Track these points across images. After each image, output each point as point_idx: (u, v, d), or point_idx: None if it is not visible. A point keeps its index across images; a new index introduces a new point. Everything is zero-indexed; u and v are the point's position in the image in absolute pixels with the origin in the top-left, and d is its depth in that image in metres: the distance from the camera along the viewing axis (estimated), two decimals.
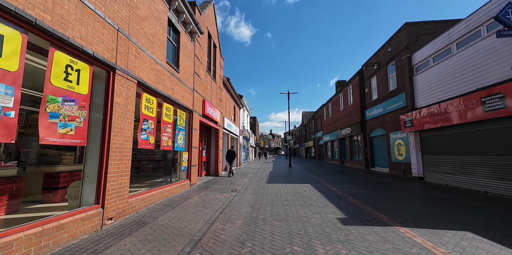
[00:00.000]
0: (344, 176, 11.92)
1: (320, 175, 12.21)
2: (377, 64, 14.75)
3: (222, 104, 13.34)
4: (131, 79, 4.44)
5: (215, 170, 11.99)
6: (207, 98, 10.15)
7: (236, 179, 10.50)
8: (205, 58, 9.90)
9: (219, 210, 5.04)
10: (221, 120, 12.93)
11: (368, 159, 16.47)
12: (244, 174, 12.69)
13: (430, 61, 9.83)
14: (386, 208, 5.16)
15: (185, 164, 7.60)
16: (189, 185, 7.76)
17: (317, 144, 34.90)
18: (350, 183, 9.25)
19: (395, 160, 12.79)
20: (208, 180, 10.12)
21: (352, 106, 19.03)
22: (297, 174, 12.89)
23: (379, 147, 15.37)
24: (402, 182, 9.41)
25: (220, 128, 12.48)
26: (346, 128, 20.31)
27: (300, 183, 9.23)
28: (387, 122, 13.67)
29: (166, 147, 6.16)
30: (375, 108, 15.17)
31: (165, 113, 6.14)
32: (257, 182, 9.63)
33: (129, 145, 4.38)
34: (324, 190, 7.61)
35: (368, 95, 16.46)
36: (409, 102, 11.04)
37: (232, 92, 16.12)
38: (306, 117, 48.74)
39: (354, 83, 18.37)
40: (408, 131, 10.78)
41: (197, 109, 8.57)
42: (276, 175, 12.69)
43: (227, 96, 15.08)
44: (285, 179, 10.79)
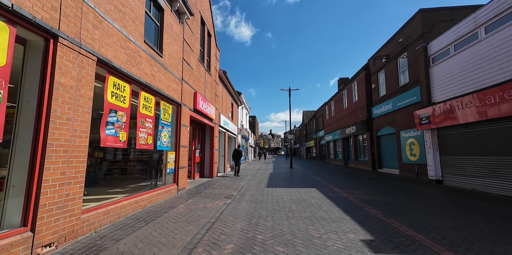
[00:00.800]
0: (352, 178, 10.82)
1: (325, 178, 11.11)
2: (386, 57, 13.66)
3: (218, 99, 12.24)
4: (86, 55, 3.33)
5: (210, 171, 10.88)
6: (200, 91, 9.04)
7: (232, 182, 9.40)
8: (197, 46, 8.79)
9: (206, 225, 3.94)
10: (217, 117, 11.83)
11: (375, 160, 15.38)
12: (242, 176, 11.58)
13: (451, 49, 8.73)
14: (419, 223, 4.06)
15: (171, 166, 6.49)
16: (176, 191, 6.65)
17: (319, 144, 33.82)
18: (361, 187, 8.15)
19: (406, 160, 11.70)
20: (201, 183, 9.01)
21: (357, 103, 17.95)
22: (300, 176, 11.79)
23: (387, 147, 14.28)
24: (419, 186, 8.31)
25: (215, 126, 11.38)
26: (350, 127, 19.22)
27: (305, 187, 8.13)
28: (397, 119, 12.57)
29: (145, 146, 5.05)
30: (383, 104, 14.08)
31: (143, 105, 5.03)
32: (255, 186, 8.52)
33: (83, 143, 3.27)
34: (334, 196, 6.51)
35: (375, 91, 15.37)
36: (425, 97, 9.95)
37: (230, 87, 15.02)
38: (307, 116, 47.65)
39: (360, 78, 17.27)
40: (424, 128, 9.68)
41: (187, 103, 7.47)
42: (277, 177, 11.59)
43: (223, 91, 13.98)
44: (287, 182, 9.69)
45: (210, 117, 10.20)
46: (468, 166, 7.96)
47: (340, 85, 27.29)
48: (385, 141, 14.59)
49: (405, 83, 11.89)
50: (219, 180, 10.00)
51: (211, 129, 11.12)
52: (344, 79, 28.02)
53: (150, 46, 5.25)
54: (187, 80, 7.59)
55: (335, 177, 11.17)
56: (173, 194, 6.45)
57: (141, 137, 4.95)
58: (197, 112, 8.61)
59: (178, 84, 6.83)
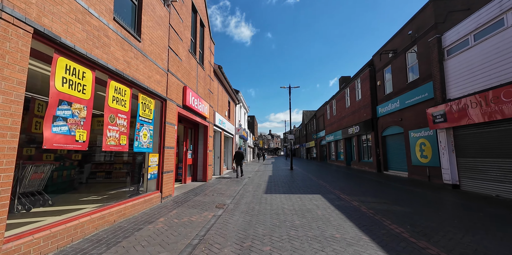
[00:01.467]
0: (358, 182, 9.92)
1: (329, 181, 10.21)
2: (393, 52, 12.78)
3: (212, 97, 11.33)
4: (13, 22, 2.42)
5: (204, 175, 9.96)
6: (191, 86, 8.13)
7: (227, 187, 8.49)
8: (188, 35, 7.88)
9: (184, 251, 3.03)
10: (211, 116, 10.92)
11: (380, 161, 14.49)
12: (238, 179, 10.66)
13: (470, 39, 7.85)
14: (461, 248, 3.16)
15: (154, 170, 5.57)
16: (160, 199, 5.73)
17: (319, 144, 32.94)
18: (370, 192, 7.26)
19: (416, 162, 10.81)
20: (192, 188, 8.09)
21: (360, 101, 17.07)
22: (302, 180, 10.88)
23: (394, 148, 13.40)
24: (435, 192, 7.42)
25: (209, 125, 10.47)
26: (353, 127, 18.34)
27: (308, 193, 7.22)
28: (405, 118, 11.69)
29: (115, 147, 4.13)
30: (389, 102, 13.21)
31: (114, 97, 4.12)
32: (252, 192, 7.61)
33: (8, 144, 2.36)
34: (343, 205, 5.60)
35: (381, 88, 14.49)
36: (439, 93, 9.06)
37: (226, 84, 14.11)
38: (307, 116, 46.80)
39: (364, 75, 16.40)
40: (439, 127, 8.80)
41: (174, 98, 6.56)
42: (276, 180, 10.68)
43: (219, 88, 13.07)
44: (288, 186, 8.78)
45: (203, 115, 9.29)
46: (492, 170, 7.07)
47: (342, 83, 26.44)
48: (391, 141, 13.71)
49: (415, 79, 11.01)
50: (213, 184, 9.08)
51: (205, 128, 10.20)
52: (346, 78, 27.19)
53: (123, 27, 4.33)
54: (175, 72, 6.67)
55: (339, 181, 10.26)
56: (155, 203, 5.53)
57: (110, 136, 4.03)
58: (188, 109, 7.70)
59: (163, 76, 5.91)
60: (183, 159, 9.09)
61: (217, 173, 12.81)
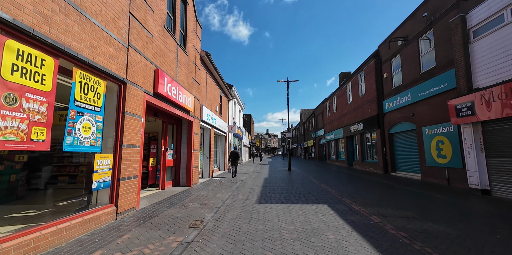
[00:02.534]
0: (366, 186, 8.54)
1: (333, 185, 8.81)
2: (403, 39, 11.43)
3: (199, 88, 9.85)
4: None
5: (187, 178, 8.49)
6: (168, 71, 6.66)
7: (214, 193, 7.04)
8: (163, 8, 6.39)
9: None
10: (198, 110, 9.44)
11: (388, 162, 13.16)
12: (229, 183, 9.21)
13: (506, 15, 6.50)
14: None
15: (105, 176, 4.09)
16: (114, 215, 4.25)
17: (318, 144, 31.64)
18: (387, 200, 5.86)
19: (432, 163, 9.48)
20: (168, 196, 6.61)
21: (364, 96, 15.72)
22: (302, 183, 9.47)
23: (403, 146, 12.07)
24: (465, 200, 6.05)
25: (194, 120, 8.99)
26: (356, 124, 17.00)
27: (311, 203, 5.80)
28: (418, 113, 10.35)
29: (18, 145, 2.65)
30: (398, 96, 11.86)
31: (15, 66, 2.63)
32: (243, 201, 6.17)
33: None
34: (360, 223, 4.19)
35: (388, 81, 13.15)
36: (463, 82, 7.71)
37: (216, 75, 12.62)
38: (305, 114, 45.51)
39: (368, 68, 15.04)
40: (464, 122, 7.45)
41: (139, 81, 5.08)
42: (272, 184, 9.25)
43: (208, 79, 11.58)
44: (286, 192, 7.36)
45: (185, 108, 7.82)
46: None
47: (342, 80, 25.13)
48: (400, 139, 12.37)
49: (430, 68, 9.66)
50: (197, 190, 7.61)
51: (189, 124, 8.72)
52: (346, 73, 25.89)
53: None
54: (141, 49, 5.19)
55: (345, 185, 8.86)
56: (106, 222, 4.05)
57: (8, 127, 2.55)
58: (163, 99, 6.22)
59: (119, 50, 4.43)
60: (161, 160, 7.61)
61: (206, 176, 11.34)
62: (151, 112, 6.68)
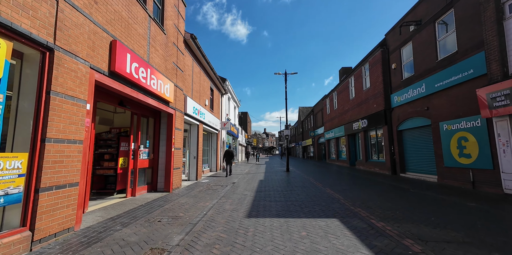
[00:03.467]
0: (380, 190, 7.23)
1: (340, 189, 7.49)
2: (416, 24, 10.14)
3: (183, 76, 8.48)
4: None
5: (166, 182, 7.11)
6: (134, 48, 5.27)
7: (195, 201, 5.68)
8: None
9: None
10: (180, 101, 8.06)
11: (396, 161, 11.90)
12: (218, 187, 7.85)
13: None
14: None
15: (8, 187, 2.70)
16: (29, 245, 2.86)
17: (317, 142, 30.39)
18: (412, 212, 4.55)
19: (452, 163, 8.22)
20: (133, 207, 5.22)
21: (369, 91, 14.44)
22: (302, 187, 8.14)
23: (415, 144, 10.81)
24: (506, 210, 4.76)
25: (176, 113, 7.61)
26: (359, 121, 15.73)
27: (317, 217, 4.46)
28: (435, 106, 9.08)
29: None
30: (409, 88, 10.59)
31: None
32: (229, 212, 4.81)
33: None
34: (392, 252, 2.86)
35: (397, 72, 11.87)
36: (496, 66, 6.43)
37: (205, 63, 11.22)
38: (303, 112, 44.28)
39: (374, 59, 13.75)
40: (499, 114, 6.17)
41: (82, 53, 3.68)
42: (268, 189, 7.90)
43: (195, 67, 10.19)
44: (284, 200, 6.01)
45: (162, 98, 6.44)
46: None
47: (342, 76, 23.88)
48: (411, 136, 11.11)
49: (450, 54, 8.38)
50: (176, 197, 6.24)
51: (169, 117, 7.34)
52: (347, 69, 24.66)
53: None
54: (85, 8, 3.78)
55: (353, 189, 7.55)
56: None
57: None
58: (124, 81, 4.83)
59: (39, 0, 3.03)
60: (130, 161, 6.23)
61: (193, 178, 9.96)
62: (114, 100, 5.29)
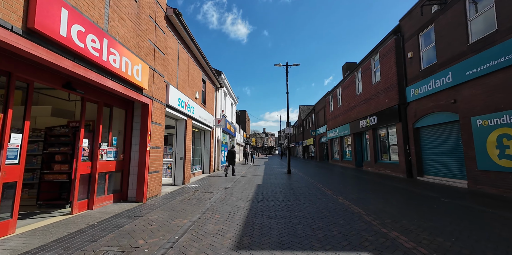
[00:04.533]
0: (405, 200, 5.79)
1: (355, 198, 6.05)
2: (440, 3, 8.71)
3: (165, 60, 7.04)
4: None
5: (139, 190, 5.65)
6: (83, 7, 3.82)
7: (169, 217, 4.23)
8: None
9: None
10: (160, 89, 6.62)
11: (412, 163, 10.48)
12: (206, 194, 6.38)
13: None
14: None
15: None
16: None
17: (319, 142, 28.97)
18: (473, 238, 3.12)
19: (490, 167, 6.80)
20: (78, 228, 3.75)
21: (379, 84, 13.02)
22: (308, 194, 6.69)
23: (436, 144, 9.39)
24: None
25: (153, 103, 6.15)
26: (367, 118, 14.31)
27: (339, 249, 3.02)
28: (465, 98, 7.67)
29: None
30: (431, 79, 9.17)
31: None
32: (210, 238, 3.35)
33: None
34: None
35: (413, 62, 10.45)
36: None
37: (194, 48, 9.75)
38: (304, 111, 42.86)
39: (385, 48, 12.32)
40: None
41: None
42: (267, 197, 6.45)
43: (182, 53, 8.73)
44: (289, 216, 4.56)
45: (130, 82, 4.99)
46: None
47: (346, 71, 22.45)
48: (431, 135, 9.69)
49: (487, 35, 6.96)
50: (147, 210, 4.79)
51: (143, 109, 5.89)
52: (351, 64, 23.24)
53: None
54: None
55: (373, 198, 6.10)
56: None
57: None
58: (61, 50, 3.38)
59: None
60: (89, 163, 4.77)
61: (179, 182, 8.51)
62: (56, 80, 3.83)
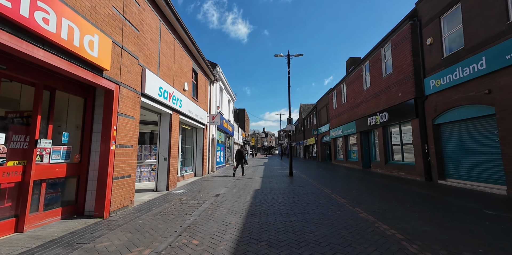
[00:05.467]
0: (443, 215, 4.48)
1: (378, 210, 4.75)
2: None
3: (139, 39, 5.74)
4: None
5: (99, 201, 4.33)
6: None
7: (126, 246, 2.91)
8: None
9: None
10: (132, 74, 5.31)
11: (432, 165, 9.19)
12: (191, 204, 5.05)
13: None
14: None
15: None
16: None
17: (321, 141, 27.67)
18: None
19: None
20: None
21: (391, 76, 11.72)
22: (317, 205, 5.37)
23: (462, 142, 8.10)
24: None
25: (121, 90, 4.84)
26: (377, 115, 13.02)
27: None
28: (503, 87, 6.37)
29: None
30: (457, 67, 7.88)
31: None
32: None
33: None
34: None
35: (434, 49, 9.15)
36: None
37: (182, 33, 8.43)
38: (305, 110, 41.58)
39: (399, 36, 11.02)
40: None
41: None
42: (266, 209, 5.13)
43: (165, 34, 7.42)
44: (296, 243, 3.25)
45: (79, 56, 3.68)
46: None
47: (350, 67, 21.15)
48: (456, 132, 8.39)
49: None
50: (103, 231, 3.48)
51: (107, 96, 4.58)
52: (356, 59, 21.95)
53: None
54: None
55: (402, 211, 4.78)
56: None
57: None
58: None
59: None
60: (19, 168, 3.46)
61: (162, 188, 7.19)
62: None
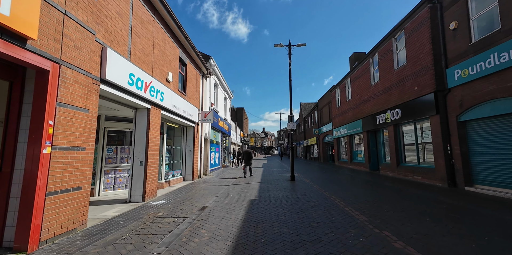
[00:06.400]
0: (502, 240, 3.22)
1: (415, 235, 3.47)
2: None
3: (97, 8, 4.45)
4: None
5: (22, 226, 3.03)
6: None
7: None
8: None
9: None
10: (83, 51, 4.02)
11: (456, 168, 7.92)
12: (166, 223, 3.77)
13: None
14: None
15: None
16: None
17: (322, 141, 26.42)
18: None
19: None
20: None
21: (405, 68, 10.45)
22: (329, 223, 4.08)
23: (496, 142, 6.84)
24: None
25: (61, 70, 3.55)
26: (388, 112, 11.75)
27: None
28: None
29: None
30: (490, 53, 6.63)
31: None
32: None
33: None
34: None
35: (458, 34, 7.88)
36: None
37: (164, 12, 7.13)
38: (305, 109, 40.31)
39: (416, 21, 9.74)
40: None
41: None
42: (263, 232, 3.83)
43: (141, 11, 6.12)
44: None
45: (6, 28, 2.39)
46: None
47: (354, 63, 19.88)
48: (486, 130, 7.13)
49: None
50: None
51: (40, 79, 3.29)
52: (360, 54, 20.68)
53: None
54: None
55: (448, 236, 3.50)
56: None
57: None
58: None
59: None
60: None
61: (136, 198, 5.90)
62: None
